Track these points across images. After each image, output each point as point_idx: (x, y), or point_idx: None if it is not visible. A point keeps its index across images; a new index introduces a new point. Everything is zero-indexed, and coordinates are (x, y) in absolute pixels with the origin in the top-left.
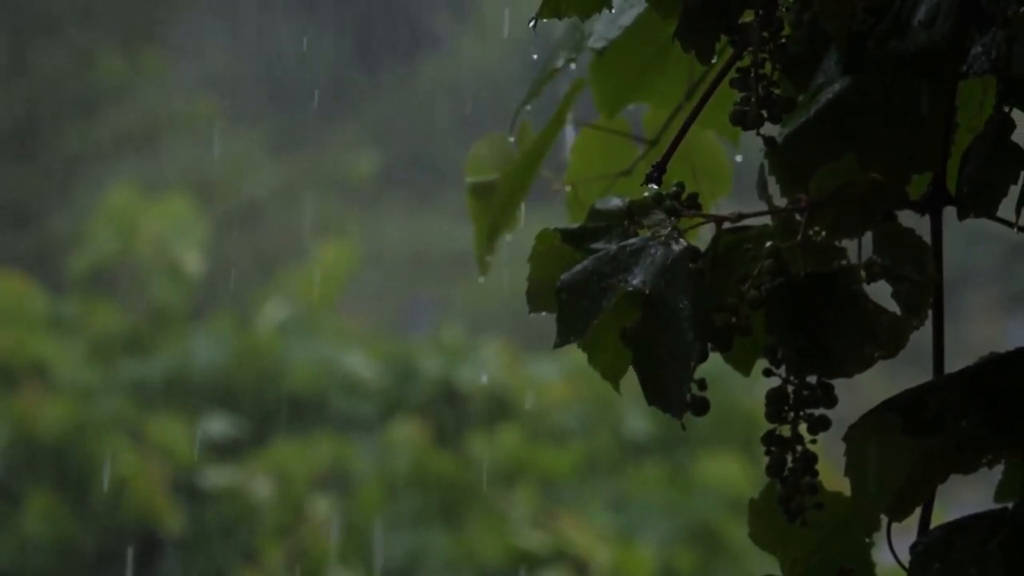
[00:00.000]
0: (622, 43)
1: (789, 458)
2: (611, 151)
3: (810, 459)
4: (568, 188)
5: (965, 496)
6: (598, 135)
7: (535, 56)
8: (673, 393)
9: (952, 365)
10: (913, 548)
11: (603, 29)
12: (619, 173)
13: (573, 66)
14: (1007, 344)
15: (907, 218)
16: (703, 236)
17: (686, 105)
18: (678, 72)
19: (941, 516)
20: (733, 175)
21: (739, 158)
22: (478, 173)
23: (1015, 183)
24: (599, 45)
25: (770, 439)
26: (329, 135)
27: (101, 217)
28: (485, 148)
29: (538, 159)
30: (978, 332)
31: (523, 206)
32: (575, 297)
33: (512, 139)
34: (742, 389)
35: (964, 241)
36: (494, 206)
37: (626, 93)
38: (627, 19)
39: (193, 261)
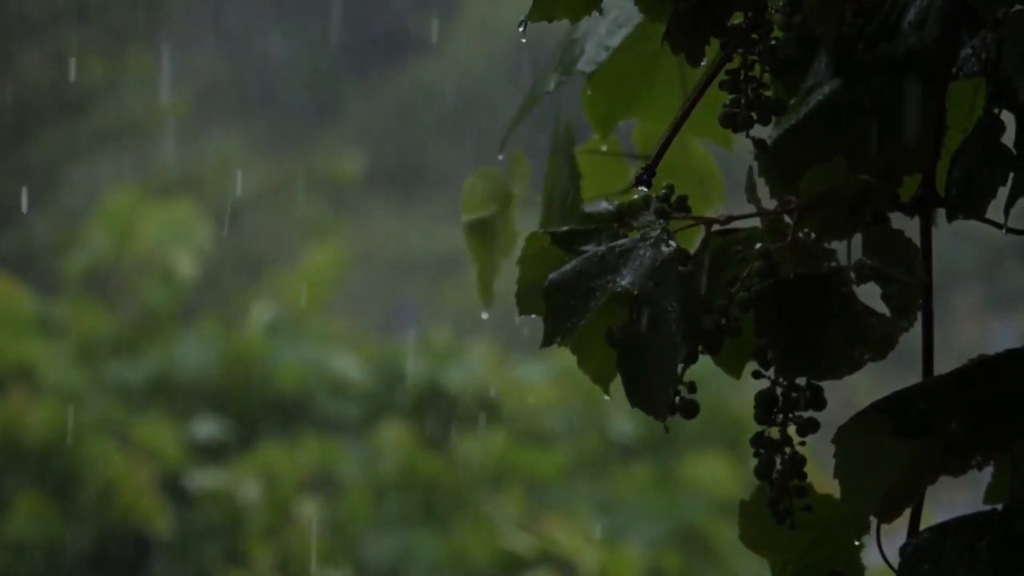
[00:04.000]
0: (611, 62)
1: (778, 460)
2: (605, 172)
3: (799, 461)
4: None
5: (952, 498)
6: (591, 158)
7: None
8: (658, 395)
9: (937, 367)
10: (903, 550)
11: (592, 52)
12: (617, 192)
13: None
14: (992, 345)
15: (896, 220)
16: (695, 241)
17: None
18: (668, 85)
19: (928, 519)
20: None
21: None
22: (473, 209)
23: (1004, 185)
24: (588, 68)
25: (759, 441)
26: (315, 137)
27: (98, 219)
28: (479, 183)
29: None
30: (964, 334)
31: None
32: (563, 297)
33: (503, 166)
34: (729, 391)
35: (950, 243)
36: (498, 246)
37: (619, 110)
38: (615, 40)
39: (187, 265)
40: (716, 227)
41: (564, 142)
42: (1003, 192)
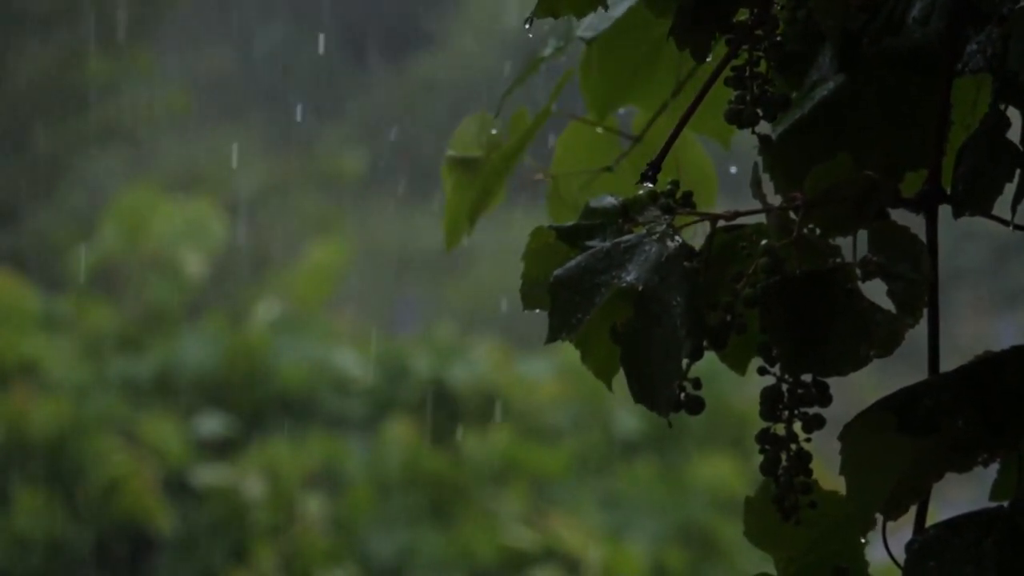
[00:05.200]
0: (613, 43)
1: (783, 457)
2: (596, 147)
3: (804, 458)
4: (549, 181)
5: (956, 496)
6: (585, 129)
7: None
8: (660, 390)
9: (943, 363)
10: (908, 546)
11: (594, 20)
12: (601, 169)
13: (563, 56)
14: (998, 342)
15: (901, 216)
16: (698, 237)
17: (672, 104)
18: (668, 74)
19: (934, 516)
20: (719, 185)
21: (733, 169)
22: (461, 148)
23: (1010, 181)
24: (588, 35)
25: (764, 438)
26: (318, 132)
27: (110, 216)
28: (473, 126)
29: (523, 146)
30: (968, 331)
31: (505, 184)
32: (568, 293)
33: (497, 121)
34: (733, 388)
35: (953, 239)
36: (476, 188)
37: (616, 95)
38: (618, 11)
39: (196, 263)
40: (721, 223)
41: None
42: (1009, 188)
